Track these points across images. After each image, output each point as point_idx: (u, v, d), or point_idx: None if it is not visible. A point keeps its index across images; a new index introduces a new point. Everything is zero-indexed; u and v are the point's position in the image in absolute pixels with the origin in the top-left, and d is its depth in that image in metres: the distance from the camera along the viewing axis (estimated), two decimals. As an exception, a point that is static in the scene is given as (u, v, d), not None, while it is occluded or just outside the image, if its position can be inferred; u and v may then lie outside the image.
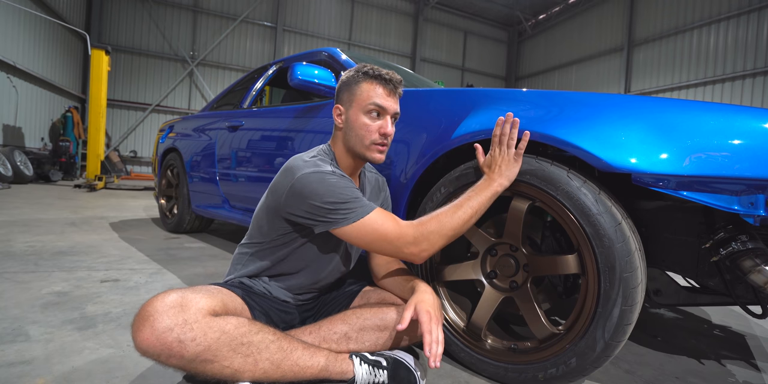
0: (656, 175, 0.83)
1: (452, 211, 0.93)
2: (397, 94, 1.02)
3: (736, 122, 0.83)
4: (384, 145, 1.01)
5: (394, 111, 1.01)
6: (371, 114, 0.99)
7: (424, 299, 0.92)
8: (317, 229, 0.94)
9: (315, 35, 12.95)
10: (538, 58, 15.11)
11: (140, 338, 0.73)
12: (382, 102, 0.98)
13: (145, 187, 7.18)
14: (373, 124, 0.99)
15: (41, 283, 1.59)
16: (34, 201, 4.37)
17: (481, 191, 0.96)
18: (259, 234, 1.06)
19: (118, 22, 11.15)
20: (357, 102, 1.00)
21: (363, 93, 0.99)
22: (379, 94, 0.99)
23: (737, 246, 0.88)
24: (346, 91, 1.03)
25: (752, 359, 1.34)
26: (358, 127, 1.00)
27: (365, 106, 0.99)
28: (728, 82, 9.51)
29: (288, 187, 0.93)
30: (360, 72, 1.01)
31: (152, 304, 0.76)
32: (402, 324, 0.86)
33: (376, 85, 0.99)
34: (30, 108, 8.40)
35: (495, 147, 0.98)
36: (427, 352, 0.82)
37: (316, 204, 0.90)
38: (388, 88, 0.99)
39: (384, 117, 1.00)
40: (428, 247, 0.92)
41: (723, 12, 9.55)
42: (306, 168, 0.93)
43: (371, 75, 1.00)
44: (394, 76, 1.01)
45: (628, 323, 0.87)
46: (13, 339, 1.09)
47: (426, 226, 0.92)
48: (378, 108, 0.99)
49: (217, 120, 2.55)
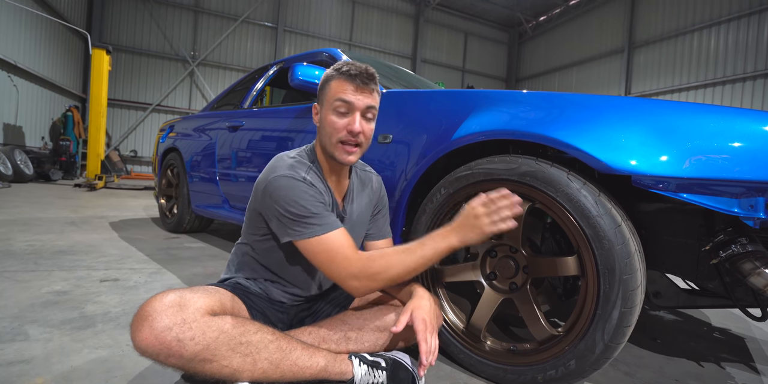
0: (656, 178, 0.83)
1: (403, 256, 0.90)
2: (370, 89, 0.96)
3: (736, 125, 0.83)
4: (355, 144, 0.96)
5: (364, 106, 0.95)
6: (338, 111, 0.95)
7: (421, 306, 0.91)
8: (281, 239, 0.93)
9: (316, 36, 12.96)
10: (538, 59, 15.12)
11: (139, 338, 0.73)
12: (348, 97, 0.93)
13: (145, 187, 7.18)
14: (339, 121, 0.95)
15: (41, 282, 1.59)
16: (34, 200, 4.37)
17: (437, 241, 0.91)
18: (248, 231, 1.05)
19: (119, 22, 11.17)
20: (327, 100, 0.97)
21: (332, 90, 0.96)
22: (347, 89, 0.94)
23: (737, 249, 0.88)
24: (321, 89, 1.01)
25: (752, 362, 1.33)
26: (327, 124, 0.96)
27: (332, 102, 0.95)
28: (728, 84, 9.52)
29: (263, 186, 0.94)
30: (333, 69, 0.98)
31: (151, 304, 0.76)
32: (397, 327, 0.86)
33: (343, 81, 0.95)
34: (31, 107, 8.40)
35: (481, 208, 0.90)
36: (423, 360, 0.83)
37: (280, 211, 0.90)
38: (355, 84, 0.94)
39: (352, 114, 0.95)
40: (370, 284, 0.89)
41: (723, 14, 9.56)
42: (282, 170, 0.93)
43: (341, 71, 0.96)
44: (365, 70, 0.96)
45: (627, 325, 0.87)
46: (12, 338, 1.09)
47: (374, 264, 0.89)
48: (344, 104, 0.94)
49: (217, 120, 2.56)
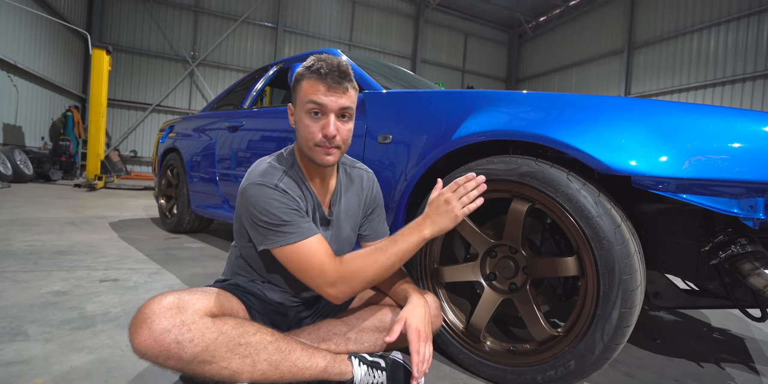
0: (656, 178, 0.83)
1: (376, 255, 0.89)
2: (343, 88, 0.90)
3: (735, 125, 0.83)
4: (334, 146, 0.92)
5: (337, 107, 0.89)
6: (311, 113, 0.90)
7: (415, 314, 0.89)
8: (257, 247, 0.92)
9: (316, 36, 12.96)
10: (538, 60, 15.13)
11: (138, 340, 0.73)
12: (320, 98, 0.88)
13: (144, 187, 7.17)
14: (314, 124, 0.90)
15: (40, 282, 1.59)
16: (34, 200, 4.37)
17: (407, 236, 0.90)
18: (237, 237, 1.05)
19: (119, 22, 11.16)
20: (299, 101, 0.92)
21: (303, 90, 0.91)
22: (318, 90, 0.88)
23: (736, 249, 0.88)
24: (293, 89, 0.96)
25: (751, 362, 1.33)
26: (301, 128, 0.92)
27: (304, 104, 0.90)
28: (728, 85, 9.52)
29: (240, 193, 0.94)
30: (303, 67, 0.92)
31: (149, 307, 0.75)
32: (390, 337, 0.84)
33: (314, 81, 0.89)
34: (30, 107, 8.40)
35: (448, 192, 0.91)
36: (415, 372, 0.82)
37: (253, 219, 0.89)
38: (327, 84, 0.88)
39: (326, 116, 0.90)
40: (347, 290, 0.88)
41: (723, 15, 9.56)
42: (255, 177, 0.91)
43: (311, 70, 0.90)
44: (337, 67, 0.89)
45: (627, 326, 0.87)
46: (11, 338, 1.09)
47: (349, 267, 0.88)
48: (316, 106, 0.89)
49: (217, 120, 2.56)
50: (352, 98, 0.93)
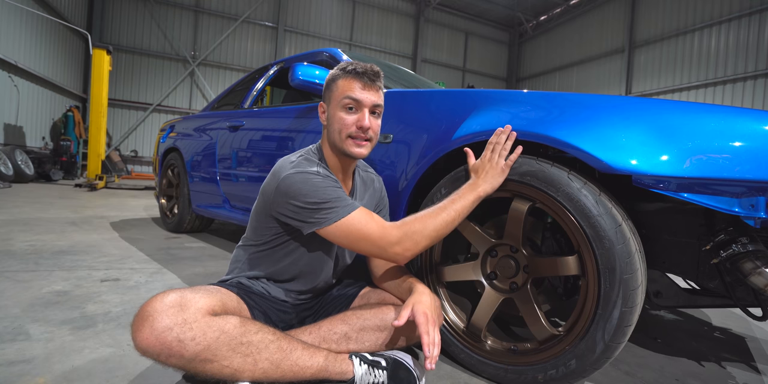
0: (657, 177, 0.83)
1: (436, 212, 0.94)
2: (376, 87, 1.02)
3: (736, 124, 0.83)
4: (365, 139, 1.01)
5: (371, 103, 1.00)
6: (347, 108, 1.00)
7: (422, 300, 0.92)
8: (304, 230, 0.95)
9: (316, 36, 12.96)
10: (539, 59, 15.11)
11: (140, 338, 0.73)
12: (357, 95, 0.98)
13: (145, 187, 7.18)
14: (349, 117, 0.99)
15: (41, 282, 1.60)
16: (35, 200, 4.37)
17: (464, 194, 0.98)
18: (254, 234, 1.07)
19: (119, 22, 11.17)
20: (334, 98, 1.01)
21: (339, 88, 1.00)
22: (354, 87, 0.99)
23: (738, 248, 0.88)
24: (327, 88, 1.05)
25: (752, 361, 1.33)
26: (336, 121, 1.01)
27: (341, 100, 1.00)
28: (729, 84, 9.51)
29: (275, 189, 0.96)
30: (338, 69, 1.03)
31: (151, 304, 0.76)
32: (399, 321, 0.86)
33: (351, 79, 1.00)
34: (31, 107, 8.41)
35: (488, 153, 1.01)
36: (426, 352, 0.82)
37: (299, 204, 0.92)
38: (363, 81, 0.99)
39: (361, 110, 1.00)
40: (412, 246, 0.92)
41: (724, 14, 9.55)
42: (291, 169, 0.96)
43: (347, 70, 1.01)
44: (371, 68, 1.01)
45: (628, 325, 0.87)
46: (13, 338, 1.09)
47: (410, 226, 0.92)
48: (352, 101, 0.99)
49: (218, 120, 2.56)
50: (382, 98, 1.04)
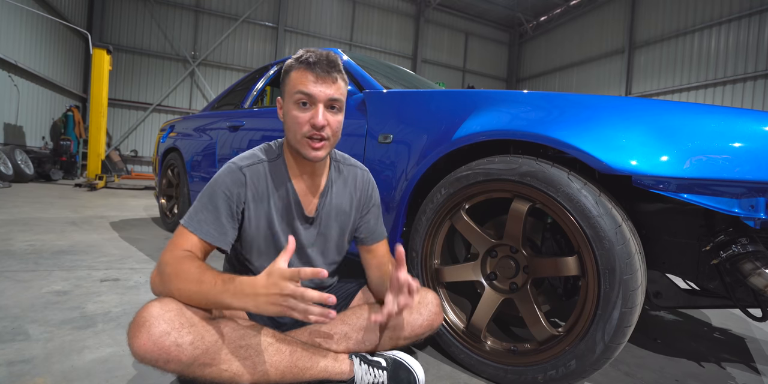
0: (657, 178, 0.83)
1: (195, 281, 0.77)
2: (332, 79, 0.88)
3: (736, 125, 0.83)
4: (321, 138, 0.89)
5: (326, 98, 0.87)
6: (299, 104, 0.88)
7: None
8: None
9: (316, 36, 12.95)
10: (539, 59, 15.11)
11: (137, 344, 0.71)
12: (308, 89, 0.86)
13: (145, 187, 7.17)
14: (302, 115, 0.88)
15: (41, 282, 1.59)
16: (35, 200, 4.37)
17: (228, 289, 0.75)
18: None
19: (119, 22, 11.16)
20: (287, 93, 0.91)
21: (291, 82, 0.89)
22: (307, 80, 0.87)
23: (737, 249, 0.88)
24: (282, 81, 0.94)
25: (752, 362, 1.33)
26: (289, 119, 0.90)
27: (293, 95, 0.88)
28: (729, 84, 9.50)
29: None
30: (292, 58, 0.91)
31: (147, 310, 0.74)
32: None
33: (303, 71, 0.88)
34: (31, 107, 8.40)
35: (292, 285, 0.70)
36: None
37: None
38: (315, 73, 0.87)
39: (315, 106, 0.88)
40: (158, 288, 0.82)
41: (725, 14, 9.54)
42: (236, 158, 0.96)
43: (299, 61, 0.89)
44: (326, 57, 0.89)
45: (628, 325, 0.87)
46: (12, 338, 1.09)
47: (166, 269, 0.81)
48: (304, 96, 0.87)
49: (218, 120, 2.56)
50: (341, 89, 0.91)
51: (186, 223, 0.88)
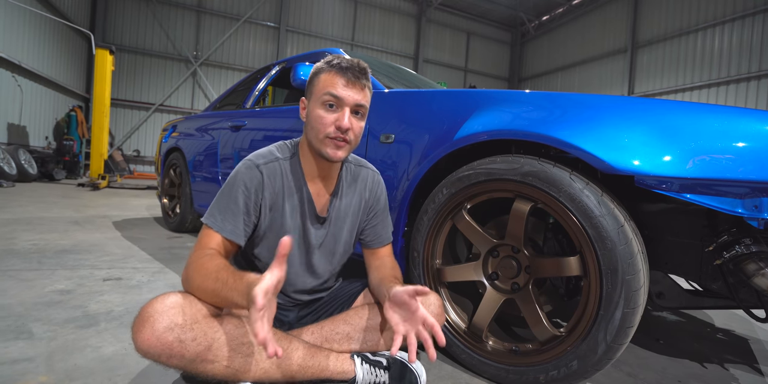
0: (659, 178, 0.83)
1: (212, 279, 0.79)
2: (361, 85, 0.92)
3: (740, 125, 0.83)
4: (343, 140, 0.92)
5: (353, 102, 0.91)
6: (326, 105, 0.91)
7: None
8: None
9: (318, 36, 12.96)
10: (541, 59, 15.08)
11: (141, 339, 0.73)
12: (338, 92, 0.90)
13: (147, 187, 7.20)
14: (328, 116, 0.91)
15: (44, 281, 1.60)
16: (38, 199, 4.39)
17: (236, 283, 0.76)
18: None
19: (122, 22, 11.20)
20: (315, 93, 0.93)
21: (321, 84, 0.92)
22: (337, 84, 0.90)
23: (741, 249, 0.88)
24: (310, 83, 0.97)
25: (755, 363, 1.33)
26: (314, 119, 0.93)
27: (320, 96, 0.91)
28: (733, 84, 9.46)
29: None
30: (323, 62, 0.95)
31: (152, 306, 0.76)
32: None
33: (334, 74, 0.91)
34: (34, 107, 8.44)
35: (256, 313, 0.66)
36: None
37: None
38: (346, 78, 0.90)
39: (341, 109, 0.91)
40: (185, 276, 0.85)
41: (728, 13, 9.50)
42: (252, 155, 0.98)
43: (331, 64, 0.92)
44: (357, 64, 0.93)
45: (630, 326, 0.86)
46: (16, 336, 1.09)
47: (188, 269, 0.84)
48: (333, 98, 0.90)
49: (220, 120, 2.56)
50: (367, 97, 0.95)
51: (210, 221, 0.91)
